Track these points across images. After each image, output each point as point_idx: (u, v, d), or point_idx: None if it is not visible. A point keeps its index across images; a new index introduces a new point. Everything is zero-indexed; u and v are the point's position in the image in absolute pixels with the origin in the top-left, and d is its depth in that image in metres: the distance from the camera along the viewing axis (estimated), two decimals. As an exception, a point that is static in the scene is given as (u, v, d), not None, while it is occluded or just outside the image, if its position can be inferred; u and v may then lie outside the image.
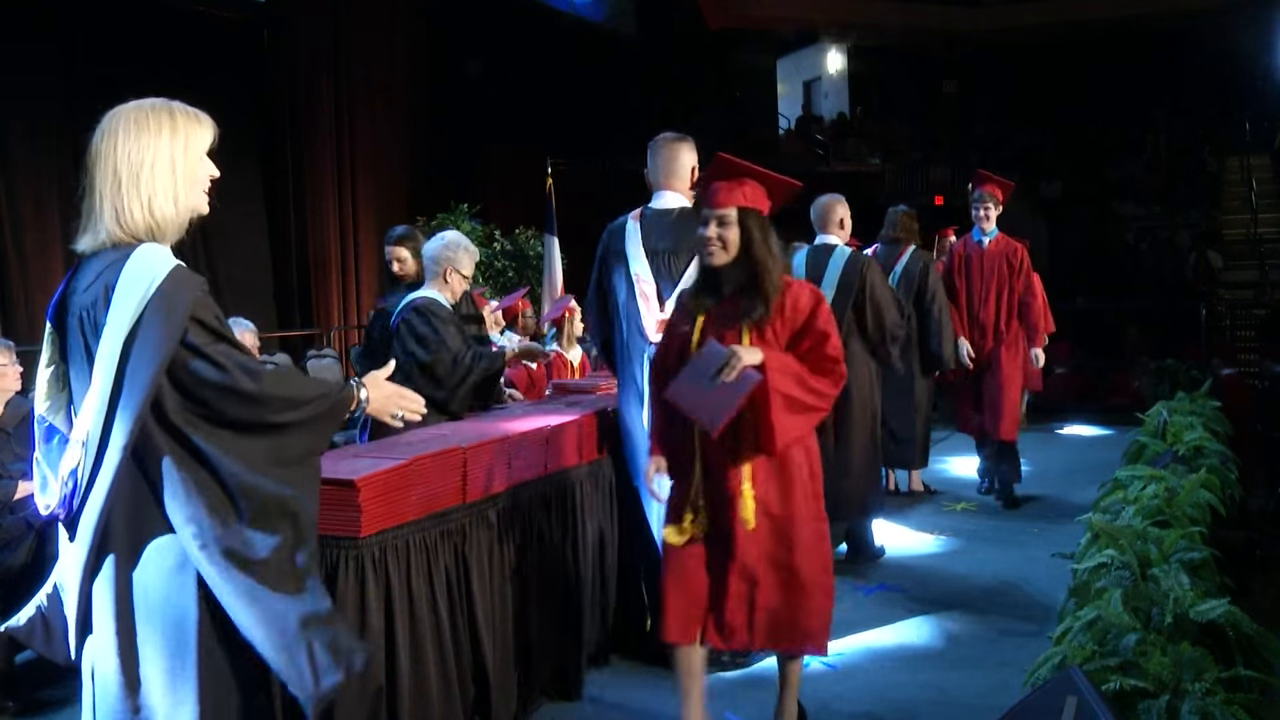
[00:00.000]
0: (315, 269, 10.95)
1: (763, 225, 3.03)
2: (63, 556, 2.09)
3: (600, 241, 3.95)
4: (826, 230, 5.33)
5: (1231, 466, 4.84)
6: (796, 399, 2.91)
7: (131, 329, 1.95)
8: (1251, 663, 2.50)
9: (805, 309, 3.01)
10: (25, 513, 3.88)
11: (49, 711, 3.73)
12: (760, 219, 3.03)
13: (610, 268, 3.89)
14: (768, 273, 2.98)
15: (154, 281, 1.97)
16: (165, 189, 2.05)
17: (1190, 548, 3.15)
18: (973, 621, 4.41)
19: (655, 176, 3.88)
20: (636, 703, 3.65)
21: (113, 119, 2.06)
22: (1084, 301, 12.68)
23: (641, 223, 3.84)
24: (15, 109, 8.25)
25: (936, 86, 20.44)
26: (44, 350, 2.10)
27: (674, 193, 3.86)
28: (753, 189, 3.05)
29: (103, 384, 1.96)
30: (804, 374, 2.95)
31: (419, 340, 4.06)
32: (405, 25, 11.97)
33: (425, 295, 4.21)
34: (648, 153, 3.91)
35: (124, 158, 2.02)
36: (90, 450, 1.98)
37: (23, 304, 8.17)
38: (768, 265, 2.99)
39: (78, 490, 2.00)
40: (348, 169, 11.17)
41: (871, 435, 5.20)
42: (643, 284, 3.77)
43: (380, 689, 2.76)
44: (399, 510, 2.85)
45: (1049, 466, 7.76)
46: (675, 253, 3.77)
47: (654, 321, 3.73)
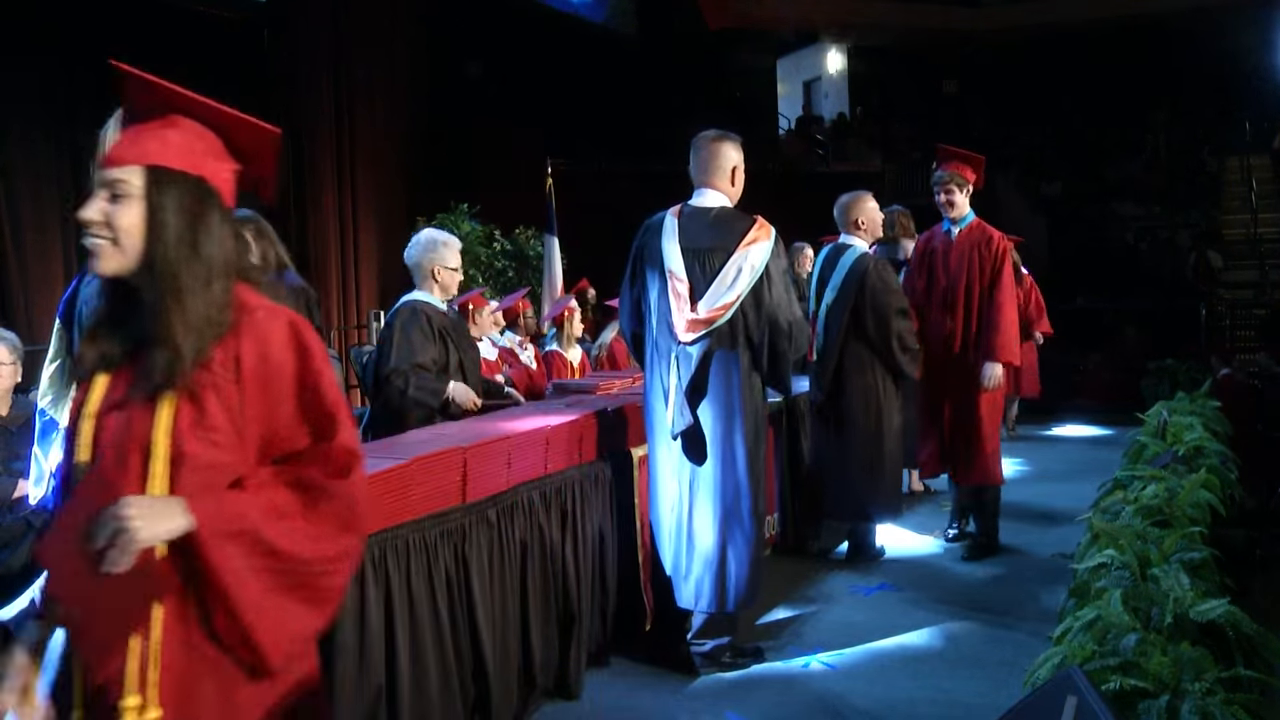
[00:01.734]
0: (315, 269, 10.94)
1: (195, 203, 1.63)
2: None
3: (636, 236, 3.92)
4: (845, 230, 5.30)
5: (1231, 466, 4.84)
6: (284, 572, 1.59)
7: None
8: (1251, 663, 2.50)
9: (285, 365, 1.64)
10: (25, 512, 3.88)
11: (49, 711, 3.73)
12: (194, 190, 1.64)
13: (644, 263, 3.85)
14: (183, 295, 1.58)
15: None
16: None
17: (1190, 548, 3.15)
18: (973, 621, 4.41)
19: (696, 174, 3.85)
20: (636, 703, 3.65)
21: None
22: (1084, 301, 12.69)
23: (680, 219, 3.81)
24: (15, 109, 8.25)
25: (936, 86, 20.45)
26: (51, 347, 2.10)
27: (715, 191, 3.82)
28: (184, 135, 1.69)
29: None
30: (291, 524, 1.60)
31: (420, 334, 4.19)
32: (405, 25, 11.96)
33: (414, 298, 4.31)
34: (690, 150, 3.87)
35: None
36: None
37: (22, 304, 8.16)
38: (185, 281, 1.59)
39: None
40: (348, 169, 11.16)
41: (875, 437, 5.18)
42: (676, 282, 3.72)
43: (380, 689, 2.76)
44: (399, 510, 2.85)
45: (1049, 466, 7.76)
46: (712, 251, 3.72)
47: (684, 321, 3.70)
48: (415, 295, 4.33)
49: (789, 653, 4.04)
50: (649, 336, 3.85)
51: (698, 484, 3.74)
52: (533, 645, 3.45)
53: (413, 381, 4.12)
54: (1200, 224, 15.24)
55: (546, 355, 6.52)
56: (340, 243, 11.12)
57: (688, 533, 3.77)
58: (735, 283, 3.69)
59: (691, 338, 3.70)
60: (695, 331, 3.69)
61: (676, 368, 3.71)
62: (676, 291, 3.72)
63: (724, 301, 3.68)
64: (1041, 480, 7.27)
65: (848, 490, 5.20)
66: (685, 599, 3.81)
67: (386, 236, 11.55)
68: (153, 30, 9.18)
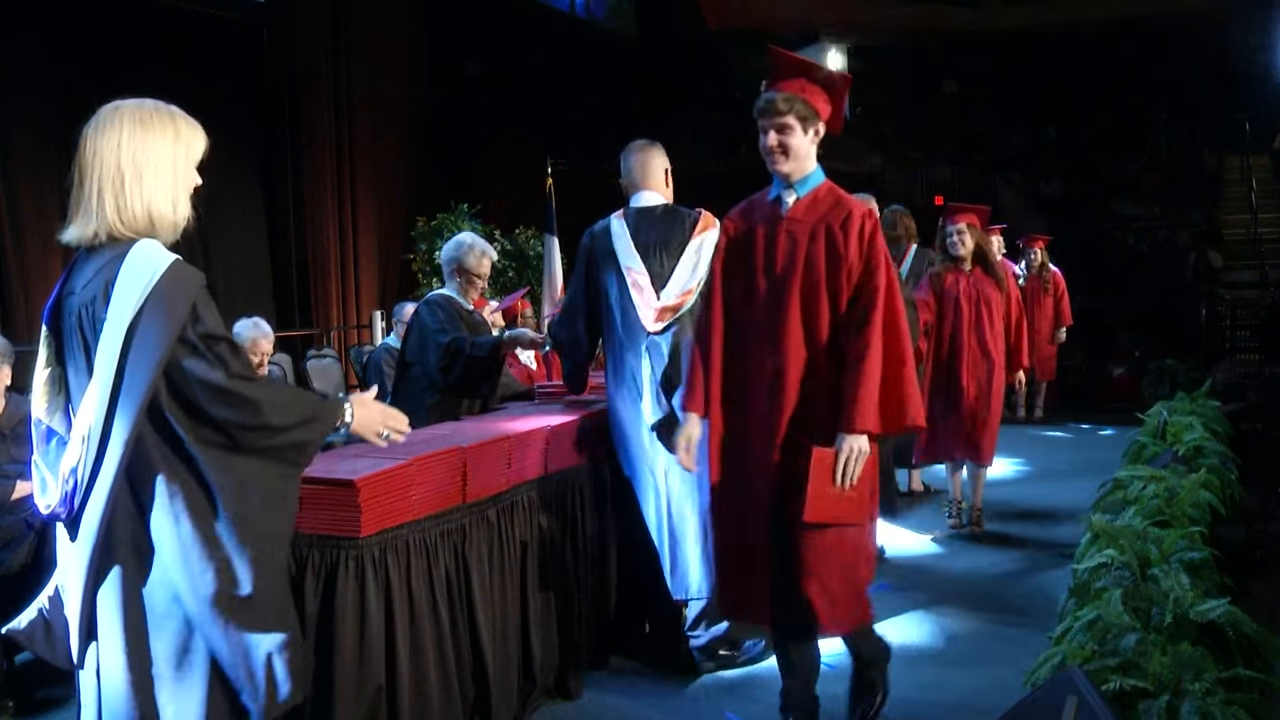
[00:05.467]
0: (315, 269, 10.95)
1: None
2: (63, 558, 2.07)
3: (580, 246, 4.00)
4: None
5: (1231, 466, 4.84)
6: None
7: (132, 323, 1.95)
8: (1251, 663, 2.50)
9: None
10: (24, 513, 3.88)
11: (49, 711, 3.73)
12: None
13: (599, 268, 3.92)
14: None
15: (154, 275, 1.97)
16: (166, 190, 2.06)
17: (1190, 548, 3.15)
18: (973, 621, 4.41)
19: (632, 179, 4.01)
20: (636, 703, 3.65)
21: (114, 114, 2.06)
22: (1084, 301, 12.69)
23: (627, 220, 3.92)
24: (15, 110, 8.25)
25: (936, 86, 20.43)
26: (40, 353, 2.09)
27: (653, 192, 3.97)
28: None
29: (104, 379, 1.95)
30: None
31: (423, 329, 4.38)
32: (405, 25, 11.97)
33: (440, 292, 4.61)
34: (620, 160, 4.04)
35: (129, 154, 2.02)
36: (91, 447, 1.96)
37: (22, 304, 8.17)
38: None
39: (78, 489, 1.99)
40: (347, 169, 11.17)
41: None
42: (636, 275, 3.83)
43: (380, 689, 2.76)
44: (399, 510, 2.85)
45: (1049, 466, 7.76)
46: (668, 243, 3.86)
47: (652, 310, 3.79)
48: (442, 290, 4.60)
49: (789, 653, 4.04)
50: (614, 337, 3.88)
51: (676, 473, 3.73)
52: (533, 645, 3.45)
53: (468, 339, 4.31)
54: (1200, 224, 15.23)
55: (546, 355, 6.52)
56: (340, 243, 11.13)
57: (669, 524, 3.78)
58: (696, 268, 3.82)
59: (660, 326, 3.78)
60: (664, 320, 3.78)
61: (649, 359, 3.77)
62: (638, 284, 3.81)
63: (689, 287, 3.81)
64: (1041, 480, 7.26)
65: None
66: (677, 589, 3.82)
67: (386, 236, 11.55)
68: (153, 30, 9.19)
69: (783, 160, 3.10)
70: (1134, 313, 12.83)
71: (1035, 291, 9.20)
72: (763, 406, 3.05)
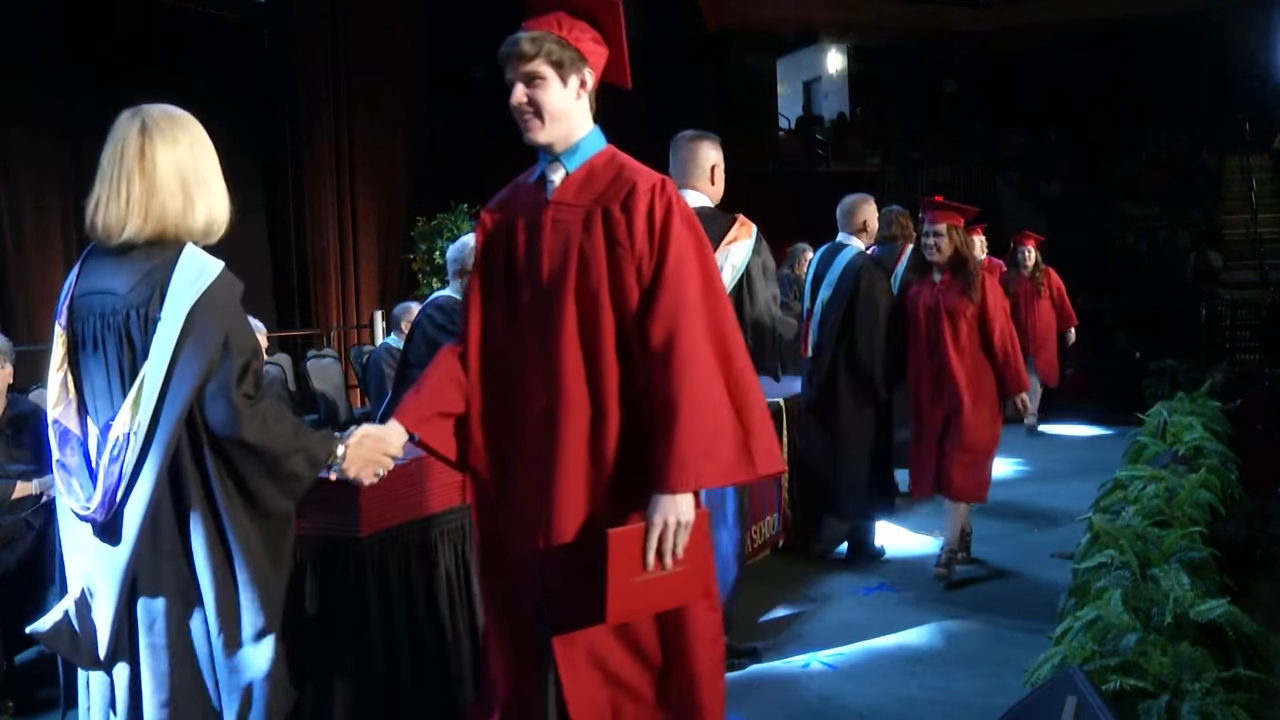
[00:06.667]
0: (315, 269, 10.94)
1: None
2: (91, 562, 2.05)
3: None
4: (846, 230, 5.29)
5: (1231, 466, 4.85)
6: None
7: (184, 326, 1.98)
8: (1251, 663, 2.50)
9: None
10: (24, 513, 3.88)
11: (49, 711, 3.73)
12: None
13: None
14: None
15: (206, 281, 2.03)
16: (220, 195, 2.13)
17: (1190, 548, 3.15)
18: (973, 621, 4.41)
19: (675, 175, 3.70)
20: (636, 703, 3.64)
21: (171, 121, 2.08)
22: (1084, 301, 12.69)
23: None
24: (15, 110, 8.25)
25: (936, 86, 20.45)
26: (53, 353, 2.09)
27: (695, 191, 3.67)
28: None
29: (153, 381, 1.97)
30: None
31: (429, 331, 4.35)
32: (405, 25, 11.96)
33: (444, 293, 4.62)
34: (670, 151, 3.75)
35: (186, 159, 2.06)
36: (134, 448, 1.97)
37: (22, 304, 8.17)
38: None
39: (119, 488, 1.98)
40: (347, 169, 11.17)
41: (867, 434, 5.19)
42: None
43: (380, 689, 2.76)
44: (399, 510, 2.85)
45: (1049, 466, 7.76)
46: None
47: None
48: (446, 291, 4.63)
49: (789, 653, 4.04)
50: None
51: None
52: (533, 645, 3.45)
53: None
54: (1200, 224, 15.24)
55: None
56: (340, 243, 11.13)
57: None
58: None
59: None
60: None
61: None
62: None
63: None
64: (1041, 480, 7.26)
65: (844, 488, 5.21)
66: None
67: (386, 236, 11.54)
68: (153, 30, 9.19)
69: (536, 125, 2.33)
70: (1134, 313, 12.82)
71: (1028, 293, 8.90)
72: (531, 464, 2.17)
